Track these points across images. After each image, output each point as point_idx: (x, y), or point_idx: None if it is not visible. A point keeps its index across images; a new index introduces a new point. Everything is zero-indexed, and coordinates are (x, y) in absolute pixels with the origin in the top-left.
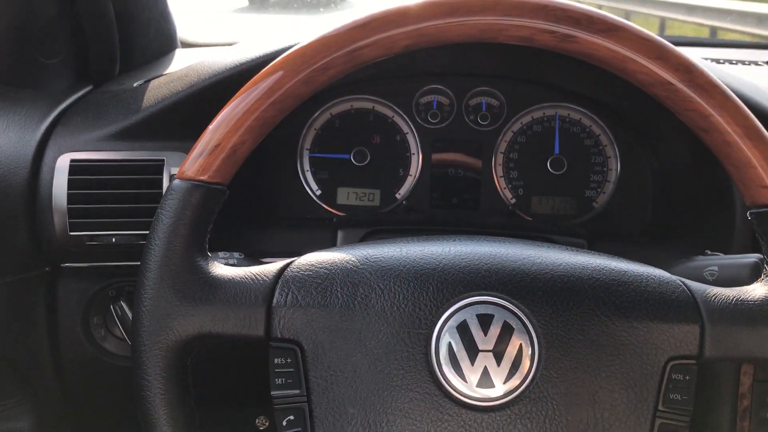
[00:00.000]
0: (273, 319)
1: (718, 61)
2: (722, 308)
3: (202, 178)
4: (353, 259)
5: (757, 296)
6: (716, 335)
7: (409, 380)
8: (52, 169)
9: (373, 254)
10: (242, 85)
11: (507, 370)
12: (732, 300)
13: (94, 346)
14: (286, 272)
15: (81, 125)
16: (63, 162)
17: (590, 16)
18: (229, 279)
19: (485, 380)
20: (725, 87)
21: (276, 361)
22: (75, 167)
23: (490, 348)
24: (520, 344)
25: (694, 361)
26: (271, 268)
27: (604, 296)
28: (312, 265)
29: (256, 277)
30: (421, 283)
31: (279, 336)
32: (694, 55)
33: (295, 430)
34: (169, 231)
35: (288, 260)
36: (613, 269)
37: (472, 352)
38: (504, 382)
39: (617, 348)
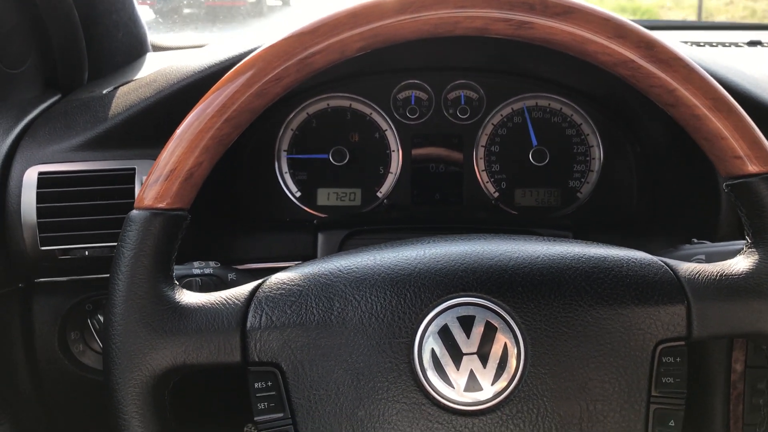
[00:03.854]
0: (249, 343)
1: (698, 44)
2: (707, 285)
3: (160, 205)
4: (326, 272)
5: (740, 270)
6: (703, 313)
7: (395, 391)
8: (20, 183)
9: (346, 265)
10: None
11: (494, 371)
12: (716, 276)
13: (73, 361)
14: (258, 293)
15: (49, 136)
16: (31, 175)
17: (544, 0)
18: (200, 306)
19: (473, 383)
20: (689, 59)
21: (256, 385)
22: (43, 180)
23: (474, 350)
24: (505, 343)
25: (683, 342)
26: (242, 290)
27: (586, 285)
28: (284, 283)
29: (227, 302)
30: (398, 290)
31: (257, 360)
32: (670, 37)
33: None
34: (132, 263)
35: (259, 281)
36: (592, 256)
37: (457, 356)
38: (492, 384)
39: (604, 337)
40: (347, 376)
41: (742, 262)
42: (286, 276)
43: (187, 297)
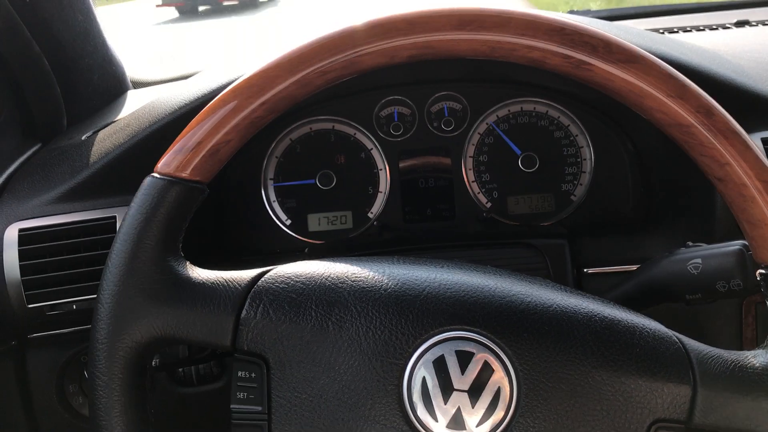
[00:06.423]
0: (241, 330)
1: (684, 29)
2: (718, 372)
3: (180, 174)
4: (332, 275)
5: (757, 364)
6: (709, 401)
7: (377, 412)
8: (1, 241)
9: (353, 273)
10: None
11: (481, 414)
12: (730, 365)
13: (73, 414)
14: (259, 282)
15: (28, 190)
16: (11, 233)
17: (609, 43)
18: (200, 282)
19: (457, 421)
20: (746, 135)
21: (240, 374)
22: (24, 237)
23: (466, 388)
24: (498, 387)
25: (682, 426)
26: (244, 275)
27: (593, 345)
28: (288, 277)
29: (228, 284)
30: (400, 310)
31: (245, 348)
32: (658, 24)
33: None
34: (140, 227)
35: (263, 269)
36: (606, 317)
37: (447, 390)
38: (477, 426)
39: (601, 402)
40: (333, 386)
41: (761, 357)
42: (291, 270)
43: (190, 271)
